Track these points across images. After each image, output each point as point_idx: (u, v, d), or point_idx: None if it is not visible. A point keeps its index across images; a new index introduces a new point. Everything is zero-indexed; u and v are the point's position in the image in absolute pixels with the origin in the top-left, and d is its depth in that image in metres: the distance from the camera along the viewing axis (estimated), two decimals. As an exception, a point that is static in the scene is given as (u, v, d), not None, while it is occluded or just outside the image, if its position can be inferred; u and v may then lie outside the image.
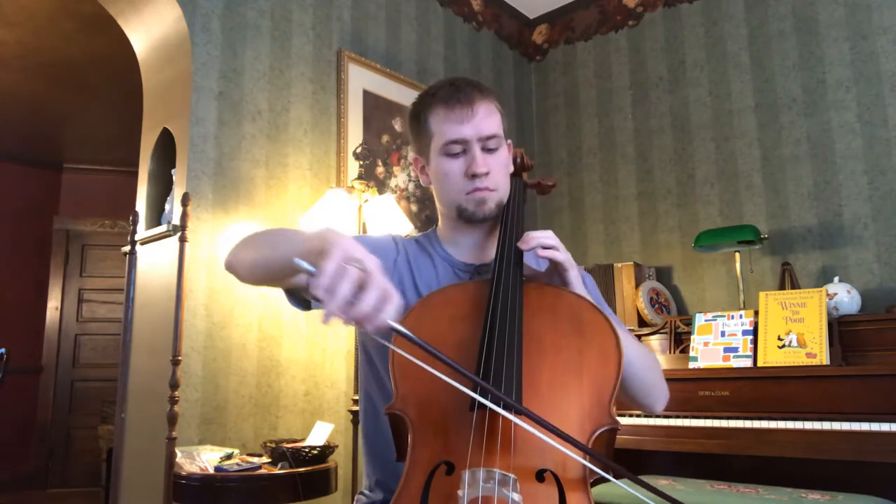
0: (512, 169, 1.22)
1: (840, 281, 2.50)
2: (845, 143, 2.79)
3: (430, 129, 1.14)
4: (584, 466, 0.82)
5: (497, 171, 1.13)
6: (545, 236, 1.03)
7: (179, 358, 1.99)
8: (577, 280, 1.04)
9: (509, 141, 1.20)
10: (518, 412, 0.80)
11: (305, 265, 0.75)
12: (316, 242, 0.82)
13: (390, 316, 0.75)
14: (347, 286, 0.73)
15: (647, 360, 1.13)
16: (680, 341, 2.61)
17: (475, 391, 0.81)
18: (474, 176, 1.10)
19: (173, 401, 1.95)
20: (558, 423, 0.86)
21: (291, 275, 0.96)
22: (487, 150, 1.12)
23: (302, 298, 1.07)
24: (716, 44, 3.20)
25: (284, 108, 2.54)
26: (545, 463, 0.82)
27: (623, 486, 0.77)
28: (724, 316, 2.50)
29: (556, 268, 1.04)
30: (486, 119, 1.12)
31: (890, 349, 2.18)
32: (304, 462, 1.93)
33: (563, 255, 1.03)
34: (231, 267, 1.06)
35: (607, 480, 0.80)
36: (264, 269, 0.99)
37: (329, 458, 2.04)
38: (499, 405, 0.80)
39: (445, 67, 3.33)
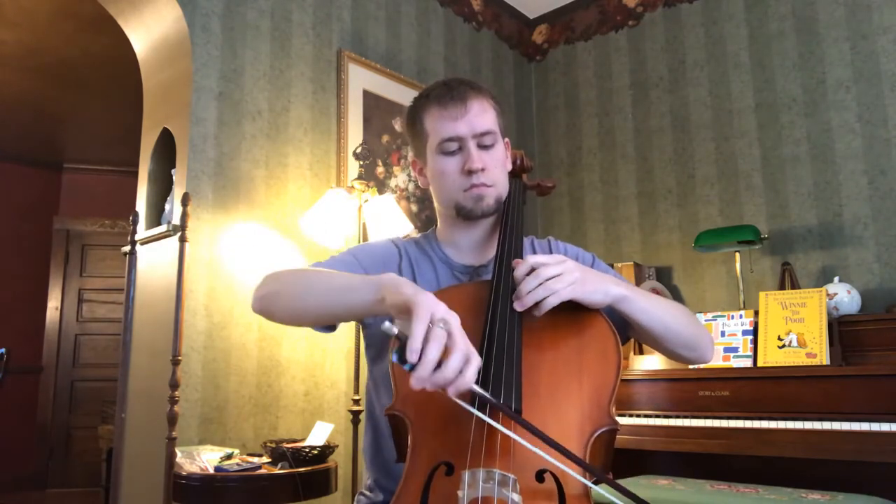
0: (510, 167, 1.22)
1: (840, 281, 2.50)
2: (845, 143, 2.78)
3: (425, 129, 1.14)
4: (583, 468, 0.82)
5: (494, 168, 1.13)
6: (539, 289, 0.92)
7: (179, 358, 1.99)
8: (598, 292, 0.97)
9: (507, 139, 1.20)
10: (517, 424, 0.80)
11: (396, 331, 0.75)
12: (395, 297, 0.82)
13: (471, 379, 0.76)
14: (436, 351, 0.74)
15: (683, 316, 1.09)
16: (680, 341, 2.60)
17: (474, 404, 0.81)
18: (471, 172, 1.10)
19: (173, 401, 1.95)
20: (557, 424, 0.87)
21: (351, 320, 0.98)
22: (483, 147, 1.12)
23: (327, 324, 1.06)
24: (716, 44, 3.20)
25: (284, 108, 2.54)
26: (545, 463, 0.82)
27: (603, 493, 0.77)
28: (724, 316, 2.50)
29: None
30: (480, 115, 1.11)
31: (890, 349, 2.18)
32: (304, 462, 1.93)
33: (570, 294, 0.93)
34: (266, 311, 1.03)
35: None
36: (318, 314, 0.99)
37: (329, 458, 2.04)
38: (498, 420, 0.80)
39: (445, 67, 3.33)
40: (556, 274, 0.93)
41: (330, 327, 1.07)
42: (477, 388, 0.77)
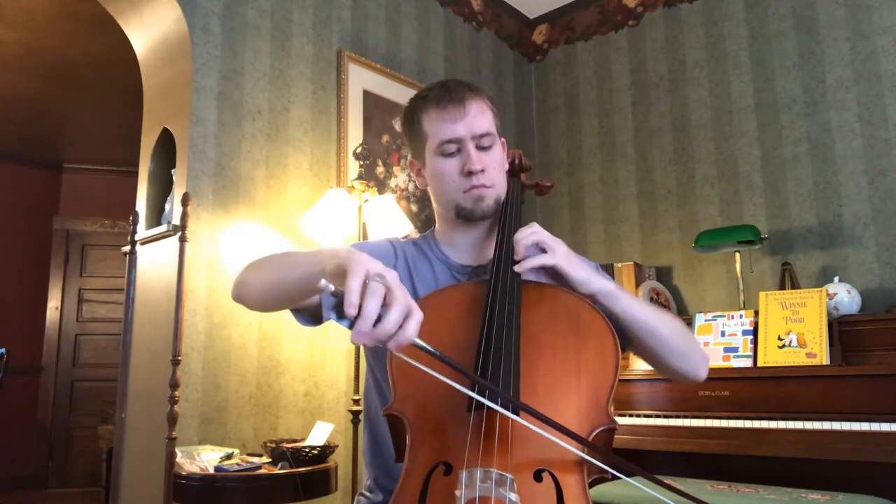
0: (507, 167, 1.22)
1: (840, 281, 2.50)
2: (845, 143, 2.78)
3: (423, 130, 1.15)
4: (583, 467, 0.82)
5: (493, 169, 1.13)
6: (530, 234, 1.02)
7: (179, 358, 1.99)
8: (580, 272, 1.02)
9: (503, 139, 1.21)
10: (517, 409, 0.80)
11: (330, 287, 0.73)
12: (332, 262, 0.82)
13: (413, 332, 0.74)
14: (375, 304, 0.72)
15: (679, 327, 1.10)
16: (680, 341, 2.60)
17: (474, 390, 0.81)
18: (470, 173, 1.11)
19: (173, 401, 1.95)
20: (556, 423, 0.86)
21: (306, 297, 0.96)
22: (482, 148, 1.12)
23: (310, 315, 1.06)
24: (716, 44, 3.20)
25: (284, 108, 2.54)
26: (543, 463, 0.82)
27: (633, 483, 0.77)
28: (724, 316, 2.50)
29: (552, 270, 1.03)
30: (479, 117, 1.12)
31: (890, 349, 2.18)
32: (304, 462, 1.93)
33: (552, 259, 1.01)
34: (239, 297, 1.05)
35: (606, 480, 0.81)
36: (277, 293, 0.98)
37: (329, 458, 2.04)
38: (497, 402, 0.80)
39: (445, 67, 3.33)
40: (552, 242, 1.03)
41: (308, 318, 1.06)
42: (420, 342, 0.75)
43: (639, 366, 2.58)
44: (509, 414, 0.80)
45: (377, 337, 0.73)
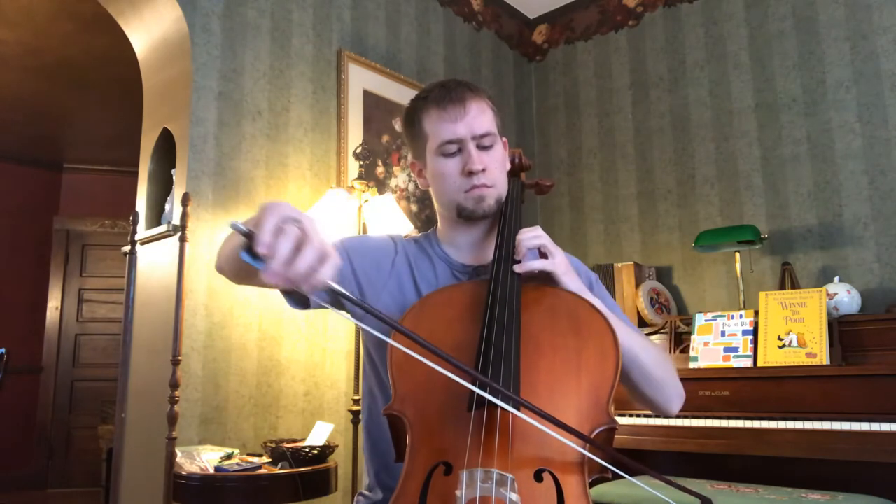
0: (508, 166, 1.23)
1: (840, 281, 2.50)
2: (845, 143, 2.78)
3: (424, 131, 1.15)
4: (583, 466, 0.82)
5: (494, 168, 1.14)
6: (533, 238, 1.04)
7: (179, 358, 1.99)
8: (573, 284, 1.04)
9: (504, 139, 1.21)
10: (517, 405, 0.80)
11: (240, 226, 0.74)
12: (256, 214, 0.82)
13: (328, 275, 0.74)
14: (287, 243, 0.72)
15: (656, 355, 1.10)
16: (680, 341, 2.61)
17: (474, 384, 0.81)
18: (471, 173, 1.11)
19: (173, 401, 1.95)
20: (557, 422, 0.86)
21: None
22: (482, 148, 1.13)
23: (300, 298, 1.06)
24: (716, 44, 3.20)
25: (284, 108, 2.54)
26: (543, 462, 0.82)
27: (635, 483, 0.77)
28: (724, 316, 2.50)
29: (546, 276, 1.04)
30: (479, 117, 1.12)
31: (890, 349, 2.18)
32: (304, 462, 1.93)
33: (551, 266, 1.03)
34: (220, 268, 1.08)
35: (606, 480, 0.81)
36: (231, 259, 0.99)
37: (329, 458, 2.04)
38: (497, 397, 0.80)
39: (445, 67, 3.33)
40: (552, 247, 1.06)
41: (298, 301, 1.06)
42: (336, 286, 0.75)
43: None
44: (507, 406, 0.80)
45: (289, 277, 0.72)
